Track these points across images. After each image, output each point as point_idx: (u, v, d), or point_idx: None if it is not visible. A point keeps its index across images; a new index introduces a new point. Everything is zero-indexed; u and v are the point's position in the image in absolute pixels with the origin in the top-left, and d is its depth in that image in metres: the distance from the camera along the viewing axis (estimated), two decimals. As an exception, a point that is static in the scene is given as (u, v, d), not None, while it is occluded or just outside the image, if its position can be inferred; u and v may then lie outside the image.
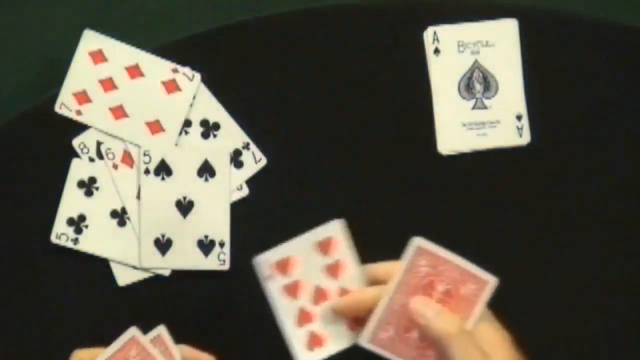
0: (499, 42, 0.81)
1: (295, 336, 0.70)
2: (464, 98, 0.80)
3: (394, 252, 0.80)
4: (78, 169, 0.80)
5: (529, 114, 0.81)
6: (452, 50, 0.81)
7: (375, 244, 0.80)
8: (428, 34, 0.81)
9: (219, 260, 0.80)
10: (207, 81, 0.81)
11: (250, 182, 0.81)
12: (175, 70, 0.81)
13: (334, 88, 0.82)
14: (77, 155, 0.80)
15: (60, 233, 0.80)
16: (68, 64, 0.80)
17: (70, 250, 0.80)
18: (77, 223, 0.80)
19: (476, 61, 0.81)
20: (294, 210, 0.81)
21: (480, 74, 0.80)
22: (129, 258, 0.80)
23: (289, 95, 0.82)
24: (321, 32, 0.83)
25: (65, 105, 0.80)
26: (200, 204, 0.80)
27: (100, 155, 0.80)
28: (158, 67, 0.81)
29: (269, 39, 0.82)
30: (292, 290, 0.70)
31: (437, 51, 0.80)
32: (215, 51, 0.82)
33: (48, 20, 0.83)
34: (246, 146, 0.81)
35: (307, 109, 0.82)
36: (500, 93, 0.80)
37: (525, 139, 0.80)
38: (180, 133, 0.81)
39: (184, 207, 0.79)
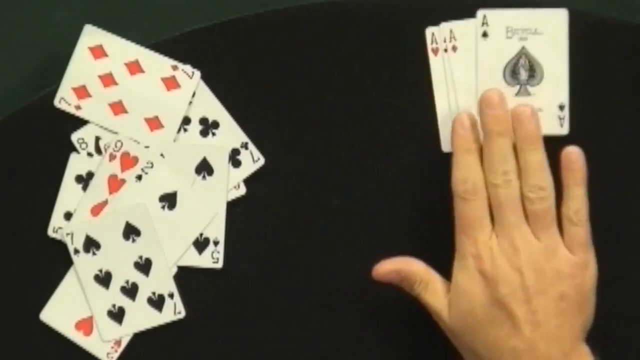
0: (547, 31, 0.80)
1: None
2: (508, 84, 0.80)
3: (395, 251, 0.80)
4: (76, 164, 0.81)
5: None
6: (500, 35, 0.80)
7: (376, 244, 0.81)
8: (478, 16, 0.80)
9: (212, 259, 0.81)
10: (207, 79, 0.81)
11: (247, 181, 0.81)
12: (175, 67, 0.81)
13: (335, 87, 0.82)
14: (75, 150, 0.81)
15: (58, 227, 0.80)
16: (68, 59, 0.80)
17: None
18: (74, 218, 0.81)
19: (523, 48, 0.80)
20: (291, 210, 0.82)
21: (527, 61, 0.80)
22: (125, 254, 0.80)
23: (289, 94, 0.82)
24: (325, 29, 0.82)
25: (65, 99, 0.81)
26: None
27: (98, 151, 0.81)
28: (158, 64, 0.81)
29: (270, 37, 0.82)
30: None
31: (485, 35, 0.80)
32: (215, 49, 0.82)
33: (48, 16, 0.82)
34: (244, 145, 0.81)
35: (308, 108, 0.82)
36: (544, 81, 0.80)
37: (565, 129, 0.80)
38: (179, 130, 0.81)
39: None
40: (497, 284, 0.74)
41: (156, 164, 0.80)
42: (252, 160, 0.81)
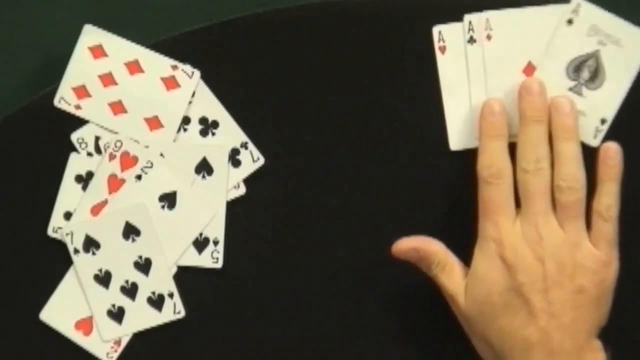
0: (627, 47, 0.80)
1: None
2: (567, 77, 0.80)
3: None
4: (76, 164, 0.81)
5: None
6: (582, 30, 0.80)
7: (376, 243, 0.81)
8: (572, 2, 0.80)
9: (212, 258, 0.81)
10: (207, 79, 0.81)
11: (247, 181, 0.81)
12: (174, 67, 0.81)
13: (335, 87, 0.82)
14: (75, 150, 0.81)
15: (57, 227, 0.81)
16: (68, 59, 0.80)
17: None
18: (74, 217, 0.81)
19: (598, 51, 0.80)
20: (291, 210, 0.82)
21: (595, 65, 0.80)
22: (125, 254, 0.80)
23: (289, 94, 0.82)
24: (325, 29, 0.82)
25: (65, 99, 0.81)
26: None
27: (98, 150, 0.81)
28: (158, 64, 0.81)
29: (270, 37, 0.82)
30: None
31: (570, 22, 0.80)
32: (215, 49, 0.82)
33: (48, 16, 0.82)
34: (244, 145, 0.81)
35: (308, 108, 0.82)
36: (601, 90, 0.80)
37: (597, 141, 0.80)
38: (179, 130, 0.81)
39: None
40: (516, 272, 0.74)
41: (156, 163, 0.80)
42: (252, 160, 0.81)
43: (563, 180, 0.75)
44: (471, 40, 0.81)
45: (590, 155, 0.77)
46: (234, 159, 0.81)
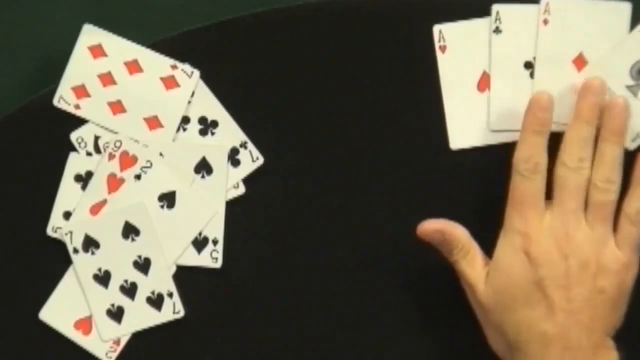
0: None
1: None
2: (630, 75, 0.80)
3: (395, 251, 0.80)
4: (75, 163, 0.81)
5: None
6: None
7: (375, 243, 0.81)
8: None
9: (211, 258, 0.81)
10: (206, 78, 0.81)
11: (246, 180, 0.81)
12: (174, 67, 0.81)
13: (334, 87, 0.82)
14: (74, 150, 0.81)
15: (57, 226, 0.81)
16: (67, 59, 0.80)
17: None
18: (74, 217, 0.81)
19: None
20: (290, 209, 0.82)
21: None
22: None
23: (288, 94, 0.82)
24: (323, 28, 0.82)
25: (64, 99, 0.81)
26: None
27: (97, 150, 0.81)
28: (157, 63, 0.81)
29: (269, 36, 0.82)
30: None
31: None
32: (215, 48, 0.82)
33: (48, 15, 0.83)
34: (244, 145, 0.81)
35: (307, 108, 0.82)
36: None
37: (633, 145, 0.80)
38: (178, 129, 0.81)
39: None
40: (539, 266, 0.74)
41: (155, 163, 0.80)
42: (251, 160, 0.81)
43: (600, 181, 0.75)
44: (497, 30, 0.81)
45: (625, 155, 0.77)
46: (234, 159, 0.81)
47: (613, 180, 0.76)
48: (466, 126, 0.81)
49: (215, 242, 0.81)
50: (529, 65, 0.81)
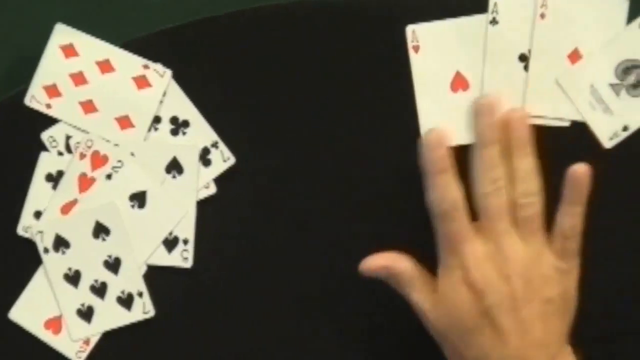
0: None
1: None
2: (614, 73, 0.80)
3: (374, 252, 0.80)
4: (46, 163, 0.81)
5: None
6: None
7: (348, 244, 0.81)
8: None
9: (182, 258, 0.80)
10: (178, 78, 0.81)
11: (217, 180, 0.81)
12: (146, 67, 0.81)
13: (306, 86, 0.82)
14: (45, 149, 0.81)
15: (27, 226, 0.80)
16: (39, 58, 0.80)
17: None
18: (44, 216, 0.81)
19: None
20: (261, 210, 0.81)
21: None
22: (95, 253, 0.80)
23: (260, 93, 0.82)
24: (296, 27, 0.82)
25: (35, 98, 0.81)
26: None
27: (69, 149, 0.81)
28: (129, 63, 0.81)
29: (241, 36, 0.82)
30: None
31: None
32: (187, 48, 0.81)
33: (19, 14, 0.82)
34: (215, 144, 0.81)
35: (278, 107, 0.82)
36: (637, 100, 0.80)
37: (611, 144, 0.80)
38: (150, 129, 0.81)
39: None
40: (484, 295, 0.74)
41: (126, 162, 0.80)
42: (223, 160, 0.81)
43: (522, 197, 0.75)
44: (493, 21, 0.81)
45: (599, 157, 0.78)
46: (205, 159, 0.81)
47: (533, 192, 0.75)
48: (440, 126, 0.81)
49: (185, 242, 0.81)
50: (523, 58, 0.81)
